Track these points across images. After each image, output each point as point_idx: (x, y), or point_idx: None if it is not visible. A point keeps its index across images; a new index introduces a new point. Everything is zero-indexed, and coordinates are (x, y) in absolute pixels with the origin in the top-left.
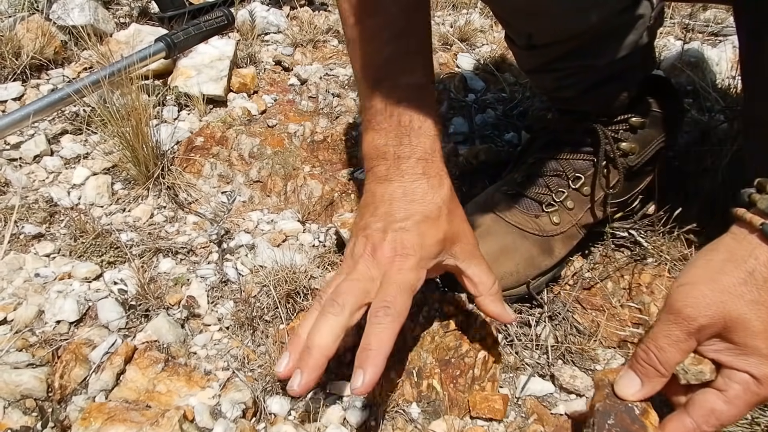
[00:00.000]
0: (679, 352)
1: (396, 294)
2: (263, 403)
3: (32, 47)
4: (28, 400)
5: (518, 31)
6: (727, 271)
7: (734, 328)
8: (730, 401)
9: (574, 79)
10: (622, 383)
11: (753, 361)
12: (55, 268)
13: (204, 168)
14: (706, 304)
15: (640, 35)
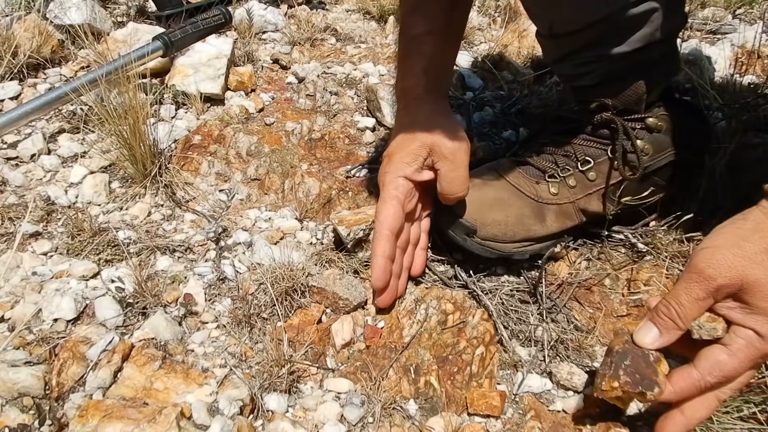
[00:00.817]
0: (698, 308)
1: (379, 209)
2: (261, 400)
3: (29, 46)
4: (25, 398)
5: (541, 21)
6: (751, 240)
7: (749, 290)
8: (733, 354)
9: (592, 67)
10: (641, 332)
11: (761, 319)
12: (52, 266)
13: (201, 166)
14: (727, 266)
15: (653, 30)
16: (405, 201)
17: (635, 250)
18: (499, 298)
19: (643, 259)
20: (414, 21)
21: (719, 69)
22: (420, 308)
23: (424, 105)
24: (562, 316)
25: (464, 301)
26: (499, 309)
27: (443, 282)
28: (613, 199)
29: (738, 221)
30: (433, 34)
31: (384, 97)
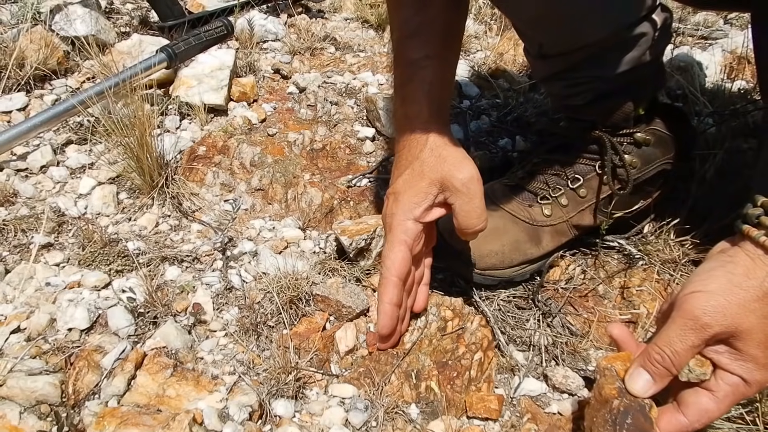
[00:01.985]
0: (691, 355)
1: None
2: (269, 406)
3: (36, 58)
4: (43, 405)
5: (531, 41)
6: (745, 287)
7: (740, 336)
8: (720, 400)
9: (582, 88)
10: (636, 382)
11: (749, 366)
12: (65, 277)
13: (207, 177)
14: (723, 314)
15: (643, 52)
16: (413, 245)
17: (628, 255)
18: (497, 305)
19: (636, 264)
20: (411, 45)
21: (710, 75)
22: (420, 315)
23: (428, 135)
24: (558, 322)
25: (463, 307)
26: (496, 315)
27: (442, 290)
28: (605, 212)
29: (727, 265)
30: (432, 58)
31: (383, 107)
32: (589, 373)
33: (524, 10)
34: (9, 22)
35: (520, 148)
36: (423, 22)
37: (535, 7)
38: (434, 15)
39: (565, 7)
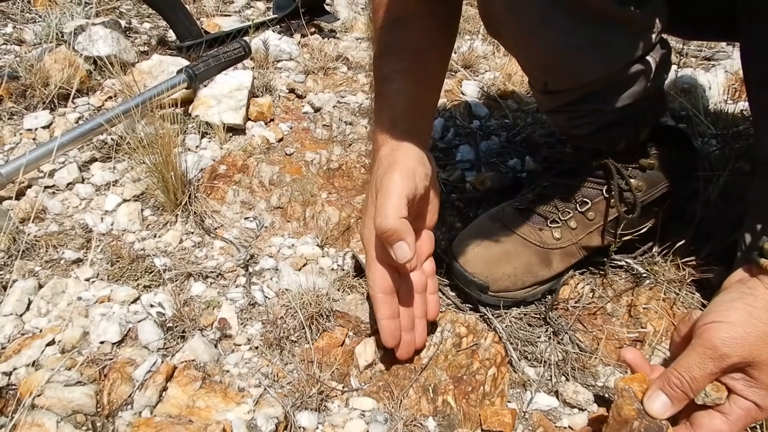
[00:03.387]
0: (709, 381)
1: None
2: (293, 418)
3: (60, 77)
4: (78, 415)
5: (536, 79)
6: (764, 321)
7: (757, 366)
8: (732, 423)
9: (586, 120)
10: (655, 404)
11: (762, 393)
12: (95, 291)
13: (227, 195)
14: (742, 345)
15: (643, 86)
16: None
17: (635, 274)
18: (509, 322)
19: (643, 283)
20: (383, 62)
21: (713, 96)
22: (436, 332)
23: (383, 146)
24: (567, 339)
25: (476, 324)
26: (508, 332)
27: (456, 306)
28: (612, 233)
29: (747, 297)
30: (399, 72)
31: None
32: (598, 389)
33: (530, 54)
34: (32, 41)
35: (529, 168)
36: (395, 41)
37: (541, 54)
38: (407, 35)
39: (569, 52)
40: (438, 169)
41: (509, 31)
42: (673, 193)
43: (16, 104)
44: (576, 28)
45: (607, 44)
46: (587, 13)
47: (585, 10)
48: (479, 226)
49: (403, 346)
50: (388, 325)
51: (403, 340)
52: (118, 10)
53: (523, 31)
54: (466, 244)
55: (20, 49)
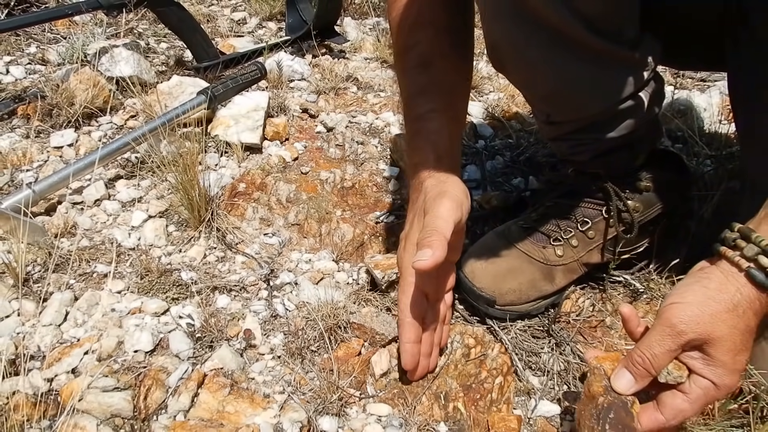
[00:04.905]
0: (669, 358)
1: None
2: (316, 422)
3: (84, 97)
4: (116, 418)
5: (539, 110)
6: (717, 300)
7: (712, 344)
8: (692, 401)
9: (586, 147)
10: (620, 381)
11: (718, 371)
12: (127, 303)
13: (247, 212)
14: (697, 322)
15: (638, 117)
16: (424, 284)
17: (633, 290)
18: (514, 334)
19: (640, 298)
20: (418, 102)
21: (709, 117)
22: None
23: (428, 181)
24: (569, 350)
25: (484, 336)
26: (514, 343)
27: (465, 319)
28: (611, 251)
29: (703, 280)
30: (436, 112)
31: None
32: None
33: (534, 88)
34: (56, 61)
35: (533, 187)
36: (428, 82)
37: (544, 88)
38: (437, 75)
39: (570, 87)
40: None
41: (514, 67)
42: (668, 214)
43: (43, 123)
44: (576, 67)
45: (604, 81)
46: (586, 53)
47: (584, 50)
48: (486, 243)
49: (419, 369)
50: (411, 349)
51: (422, 365)
52: (136, 30)
53: (527, 68)
54: (474, 260)
55: (44, 69)
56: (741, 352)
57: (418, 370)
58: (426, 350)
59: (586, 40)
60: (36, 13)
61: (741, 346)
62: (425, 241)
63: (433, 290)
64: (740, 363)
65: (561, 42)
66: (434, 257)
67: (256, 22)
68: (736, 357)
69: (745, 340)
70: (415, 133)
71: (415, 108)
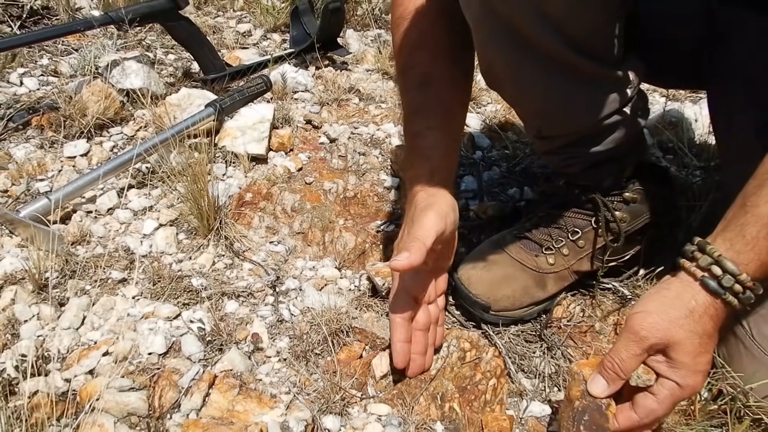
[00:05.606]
0: (635, 362)
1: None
2: (319, 421)
3: (96, 109)
4: (133, 417)
5: (531, 126)
6: (675, 307)
7: (673, 348)
8: (661, 401)
9: (576, 160)
10: (594, 385)
11: (681, 372)
12: (140, 308)
13: (253, 221)
14: (657, 329)
15: (623, 132)
16: (414, 289)
17: (621, 296)
18: (507, 338)
19: (628, 304)
20: (415, 119)
21: (699, 128)
22: (443, 346)
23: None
24: (560, 354)
25: (479, 340)
26: (507, 347)
27: (461, 324)
28: (600, 259)
29: (663, 290)
30: (432, 129)
31: None
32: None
33: (526, 106)
34: (68, 72)
35: (527, 197)
36: (426, 100)
37: (535, 106)
38: (435, 94)
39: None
40: None
41: (507, 86)
42: (655, 224)
43: (56, 133)
44: (565, 86)
45: (591, 99)
46: (575, 73)
47: (573, 71)
48: (482, 251)
49: (414, 367)
50: (402, 347)
51: (417, 363)
52: (145, 42)
53: (519, 87)
54: (471, 267)
55: (57, 81)
56: (700, 354)
57: (413, 368)
58: (420, 349)
59: (574, 61)
60: (51, 29)
61: (700, 349)
62: (405, 245)
63: (425, 293)
64: (701, 364)
65: (551, 63)
66: (409, 260)
67: (261, 33)
68: (696, 359)
69: (703, 343)
70: (411, 149)
71: (413, 125)
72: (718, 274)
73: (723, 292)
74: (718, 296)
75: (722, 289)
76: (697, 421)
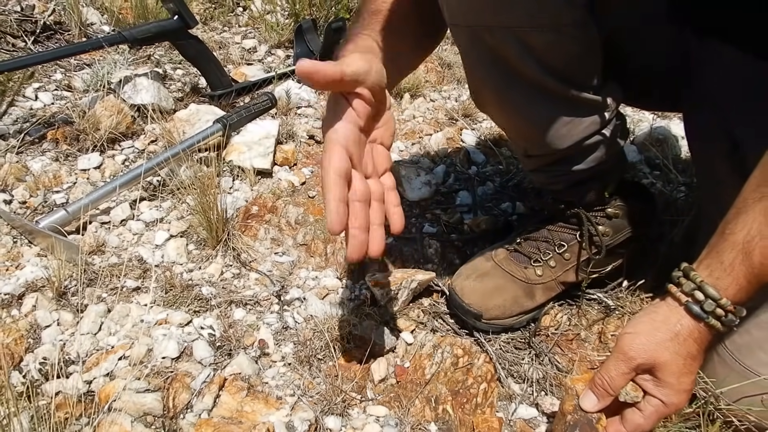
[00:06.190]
0: (624, 380)
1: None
2: (322, 421)
3: (109, 123)
4: (149, 416)
5: (517, 145)
6: (661, 330)
7: (659, 368)
8: (647, 417)
9: (559, 178)
10: (586, 400)
11: (666, 391)
12: (154, 315)
13: (259, 232)
14: (644, 350)
15: (603, 152)
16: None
17: (606, 306)
18: (498, 345)
19: (612, 314)
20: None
21: (685, 145)
22: (437, 352)
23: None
24: (547, 360)
25: (471, 347)
26: (498, 354)
27: (455, 331)
28: (585, 271)
29: (651, 313)
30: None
31: (405, 175)
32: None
33: (513, 127)
34: (81, 87)
35: (519, 211)
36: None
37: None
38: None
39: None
40: (440, 210)
41: (495, 110)
42: (636, 238)
43: (71, 147)
44: (548, 110)
45: (572, 122)
46: (556, 99)
47: (554, 96)
48: (475, 264)
49: (355, 245)
50: (337, 207)
51: (357, 239)
52: (154, 57)
53: (505, 111)
54: (464, 279)
55: (70, 96)
56: (684, 374)
57: (352, 246)
58: (359, 223)
59: (555, 88)
60: (67, 48)
61: (684, 369)
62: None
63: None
64: (685, 384)
65: (534, 90)
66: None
67: (266, 49)
68: (680, 379)
69: (687, 364)
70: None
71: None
72: (701, 299)
73: (706, 316)
74: (701, 320)
75: (705, 314)
76: (674, 423)
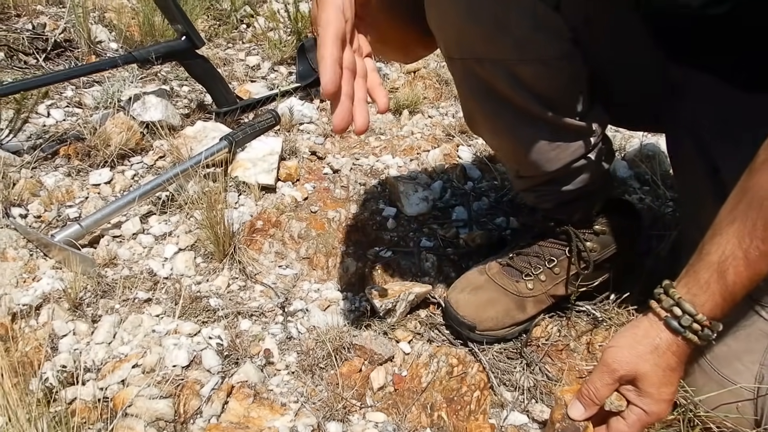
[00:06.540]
0: (608, 390)
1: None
2: (324, 426)
3: (119, 140)
4: (160, 421)
5: (509, 167)
6: (642, 343)
7: (640, 379)
8: (630, 425)
9: (549, 197)
10: (572, 409)
11: (647, 401)
12: (165, 325)
13: (264, 246)
14: (626, 362)
15: (590, 174)
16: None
17: (594, 318)
18: (491, 355)
19: (600, 326)
20: None
21: None
22: (433, 362)
23: None
24: (538, 369)
25: (465, 356)
26: (491, 363)
27: (450, 342)
28: (574, 284)
29: (634, 327)
30: None
31: (403, 190)
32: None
33: (504, 151)
34: (91, 104)
35: (513, 226)
36: None
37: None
38: None
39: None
40: (437, 225)
41: (487, 134)
42: (622, 254)
43: (82, 162)
44: (537, 135)
45: (560, 146)
46: (545, 125)
47: (543, 123)
48: (469, 277)
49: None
50: (333, 66)
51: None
52: (161, 74)
53: (497, 135)
54: (459, 292)
55: (81, 112)
56: (664, 385)
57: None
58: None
59: (544, 115)
60: (80, 68)
61: (664, 380)
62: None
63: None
64: (665, 394)
65: (524, 116)
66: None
67: (269, 66)
68: (660, 389)
69: (666, 375)
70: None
71: None
72: (679, 315)
73: (683, 331)
74: (679, 334)
75: (682, 328)
76: (656, 429)
